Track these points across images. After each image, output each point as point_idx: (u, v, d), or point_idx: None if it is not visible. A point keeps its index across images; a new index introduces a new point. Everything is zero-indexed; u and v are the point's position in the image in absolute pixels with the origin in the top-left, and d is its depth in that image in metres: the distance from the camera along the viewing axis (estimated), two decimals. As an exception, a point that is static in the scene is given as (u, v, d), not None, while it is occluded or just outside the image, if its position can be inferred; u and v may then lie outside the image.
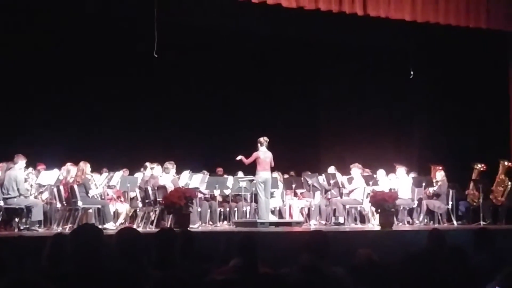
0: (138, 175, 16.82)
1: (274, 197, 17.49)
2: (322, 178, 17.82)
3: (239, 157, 16.16)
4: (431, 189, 17.70)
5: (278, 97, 21.83)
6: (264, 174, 15.90)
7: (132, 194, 16.58)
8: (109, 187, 16.26)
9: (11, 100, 17.83)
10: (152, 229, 15.04)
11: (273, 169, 16.45)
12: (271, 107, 21.64)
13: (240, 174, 17.89)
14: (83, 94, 18.93)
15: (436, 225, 16.54)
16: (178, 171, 16.78)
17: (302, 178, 17.72)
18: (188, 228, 12.82)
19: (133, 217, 16.98)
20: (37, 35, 17.91)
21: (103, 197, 15.79)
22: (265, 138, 16.03)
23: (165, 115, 20.10)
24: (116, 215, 16.24)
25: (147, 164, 16.94)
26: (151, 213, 15.97)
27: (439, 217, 17.56)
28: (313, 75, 22.31)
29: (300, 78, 22.03)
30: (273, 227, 15.28)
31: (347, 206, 17.15)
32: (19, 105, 17.99)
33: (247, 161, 16.10)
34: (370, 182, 17.26)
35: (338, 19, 16.82)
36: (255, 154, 15.93)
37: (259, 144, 15.97)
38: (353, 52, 20.62)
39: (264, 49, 20.56)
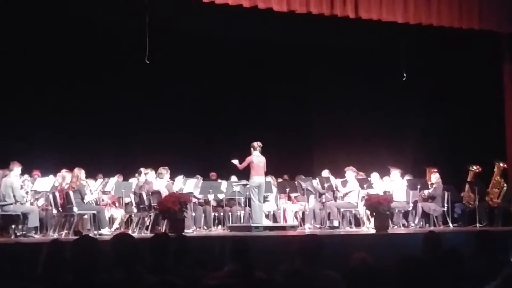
0: (133, 181, 16.83)
1: (268, 201, 17.47)
2: (316, 182, 17.82)
3: (234, 161, 16.16)
4: (426, 192, 17.69)
5: (271, 101, 21.82)
6: (258, 178, 15.89)
7: (126, 200, 16.59)
8: (104, 192, 16.26)
9: (6, 107, 17.80)
10: (147, 234, 15.04)
11: (266, 173, 16.44)
12: (264, 111, 21.63)
13: (234, 178, 17.89)
14: (78, 100, 18.92)
15: (432, 228, 16.51)
16: (172, 176, 16.78)
17: (296, 182, 17.69)
18: (183, 233, 12.84)
19: (128, 222, 16.99)
20: (30, 41, 17.90)
21: (98, 203, 15.79)
22: (258, 143, 16.02)
23: (159, 120, 20.08)
24: (111, 220, 16.25)
25: (142, 169, 16.95)
26: (146, 218, 15.97)
27: (435, 220, 17.55)
28: (306, 78, 22.31)
29: (293, 82, 22.03)
30: (268, 231, 15.27)
31: (342, 210, 17.13)
32: (14, 112, 17.96)
33: (240, 166, 16.11)
34: (365, 185, 17.21)
35: (329, 22, 16.82)
36: (248, 159, 15.93)
37: (252, 149, 15.97)
38: (346, 55, 20.58)
39: (256, 53, 20.54)
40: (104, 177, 16.60)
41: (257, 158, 15.91)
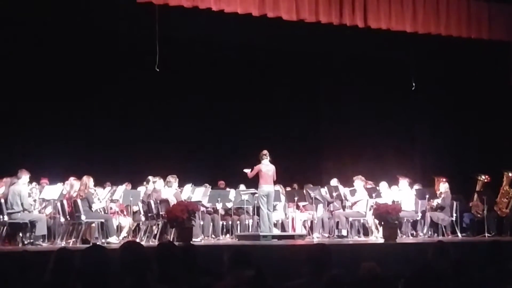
0: (141, 189, 16.82)
1: (277, 210, 17.41)
2: (324, 191, 17.79)
3: (246, 170, 16.14)
4: (435, 202, 17.62)
5: (280, 110, 21.81)
6: (266, 187, 15.87)
7: (135, 208, 16.58)
8: (112, 201, 16.25)
9: (14, 115, 17.87)
10: (155, 243, 15.02)
11: (275, 182, 16.41)
12: (273, 119, 21.60)
13: (242, 187, 17.86)
14: (86, 108, 18.96)
15: (440, 237, 16.47)
16: (180, 185, 16.77)
17: (304, 191, 17.69)
18: (191, 242, 12.81)
19: (136, 230, 16.99)
20: (40, 49, 17.95)
21: (106, 211, 15.79)
22: (264, 151, 15.99)
23: (166, 129, 20.09)
24: (119, 229, 16.25)
25: (150, 177, 16.95)
26: (154, 227, 15.96)
27: (443, 229, 17.50)
28: (314, 87, 22.31)
29: (302, 91, 22.03)
30: (276, 240, 15.24)
31: (350, 219, 17.08)
32: (22, 120, 18.02)
33: (250, 175, 16.09)
34: (373, 195, 17.18)
35: (339, 31, 16.84)
36: (257, 168, 15.91)
37: (260, 158, 15.96)
38: (355, 64, 20.61)
39: (265, 62, 20.55)
40: (112, 185, 16.60)
41: (265, 167, 15.89)
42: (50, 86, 18.25)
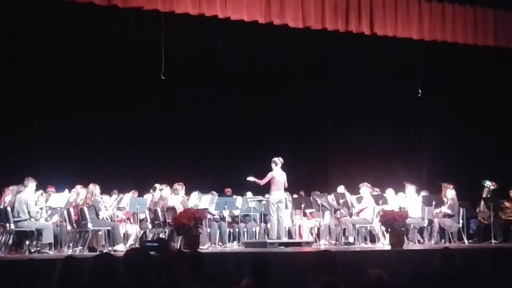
0: (148, 197, 16.83)
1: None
2: (331, 198, 17.77)
3: (250, 178, 16.15)
4: (443, 210, 17.57)
5: (286, 117, 21.81)
6: (278, 194, 15.90)
7: (141, 216, 16.59)
8: (118, 208, 16.26)
9: (21, 123, 17.90)
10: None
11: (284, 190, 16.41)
12: (279, 126, 21.61)
13: (249, 194, 17.87)
14: (92, 116, 19.01)
15: (447, 244, 16.44)
16: (187, 192, 16.78)
17: (311, 198, 17.67)
18: (198, 249, 12.81)
19: (142, 238, 16.97)
20: (47, 58, 18.00)
21: (113, 219, 15.79)
22: (280, 158, 16.02)
23: (173, 136, 20.12)
24: (126, 236, 16.22)
25: (156, 185, 16.96)
26: (161, 235, 15.96)
27: (450, 236, 17.47)
28: (321, 94, 22.31)
29: (308, 98, 22.03)
30: (283, 247, 15.24)
31: (357, 226, 17.06)
32: (29, 128, 18.05)
33: (261, 182, 16.06)
34: (380, 201, 17.18)
35: (345, 38, 16.83)
36: (270, 174, 15.91)
37: (273, 164, 15.96)
38: (361, 71, 20.61)
39: (270, 69, 20.56)
40: (119, 193, 16.60)
41: (278, 174, 15.90)
42: (56, 94, 18.32)
